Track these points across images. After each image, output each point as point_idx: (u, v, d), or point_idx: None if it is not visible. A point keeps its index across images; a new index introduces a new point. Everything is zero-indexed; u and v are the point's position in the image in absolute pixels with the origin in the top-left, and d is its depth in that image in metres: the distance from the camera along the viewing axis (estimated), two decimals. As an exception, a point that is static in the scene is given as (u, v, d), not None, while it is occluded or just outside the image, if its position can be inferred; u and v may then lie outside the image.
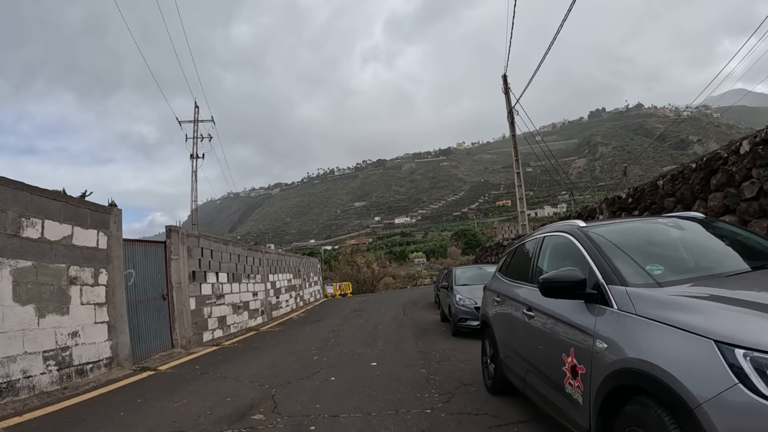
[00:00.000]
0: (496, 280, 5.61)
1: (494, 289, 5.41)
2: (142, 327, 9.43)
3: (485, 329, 5.76)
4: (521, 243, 5.21)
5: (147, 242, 10.02)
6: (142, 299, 9.54)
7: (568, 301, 3.23)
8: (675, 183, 7.53)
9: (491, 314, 5.35)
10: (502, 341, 4.94)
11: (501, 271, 5.63)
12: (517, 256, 5.22)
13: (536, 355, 3.88)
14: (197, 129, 39.17)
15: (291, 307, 20.83)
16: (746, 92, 76.21)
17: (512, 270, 5.18)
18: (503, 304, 4.93)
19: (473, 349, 8.44)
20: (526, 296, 4.19)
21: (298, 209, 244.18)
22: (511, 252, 5.52)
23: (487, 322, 5.57)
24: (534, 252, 4.47)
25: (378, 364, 7.61)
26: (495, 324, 5.19)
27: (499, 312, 5.07)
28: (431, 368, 7.09)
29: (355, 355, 8.70)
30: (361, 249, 56.68)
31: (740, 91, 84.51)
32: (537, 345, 3.86)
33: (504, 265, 5.62)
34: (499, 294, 5.14)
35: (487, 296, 5.69)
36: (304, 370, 7.50)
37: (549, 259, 4.19)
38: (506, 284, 5.06)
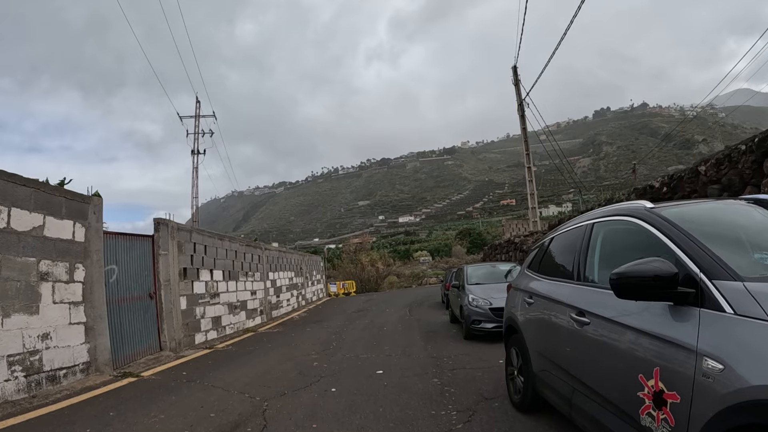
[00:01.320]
0: (525, 277, 4.76)
1: (524, 288, 4.56)
2: (125, 328, 8.63)
3: (511, 335, 4.91)
4: (558, 233, 4.36)
5: (131, 236, 9.19)
6: (125, 298, 8.74)
7: (643, 303, 2.41)
8: (720, 168, 6.66)
9: (520, 318, 4.50)
10: (536, 351, 4.09)
11: (531, 268, 4.78)
12: (553, 249, 4.37)
13: (593, 373, 3.02)
14: (198, 124, 38.52)
15: (292, 307, 20.00)
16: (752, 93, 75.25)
17: (548, 265, 4.34)
18: (538, 306, 4.09)
19: (490, 355, 7.62)
20: (575, 297, 3.35)
21: (302, 208, 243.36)
22: (544, 244, 4.66)
23: (514, 328, 4.72)
24: (580, 243, 3.62)
25: (384, 372, 6.76)
26: (526, 330, 4.34)
27: (532, 316, 4.23)
28: (445, 377, 6.24)
29: (359, 360, 7.86)
30: (366, 248, 55.92)
31: (745, 91, 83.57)
32: (594, 360, 3.00)
33: (535, 259, 4.77)
34: (531, 294, 4.30)
35: (515, 297, 4.83)
36: (301, 379, 6.66)
37: (604, 251, 3.35)
38: (541, 282, 4.21)
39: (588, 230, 3.58)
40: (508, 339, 5.05)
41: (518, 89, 20.13)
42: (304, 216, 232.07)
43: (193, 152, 38.41)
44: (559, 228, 4.46)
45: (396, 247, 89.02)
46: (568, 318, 3.34)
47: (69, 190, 7.77)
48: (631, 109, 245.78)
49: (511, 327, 4.84)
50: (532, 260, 4.88)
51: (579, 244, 3.63)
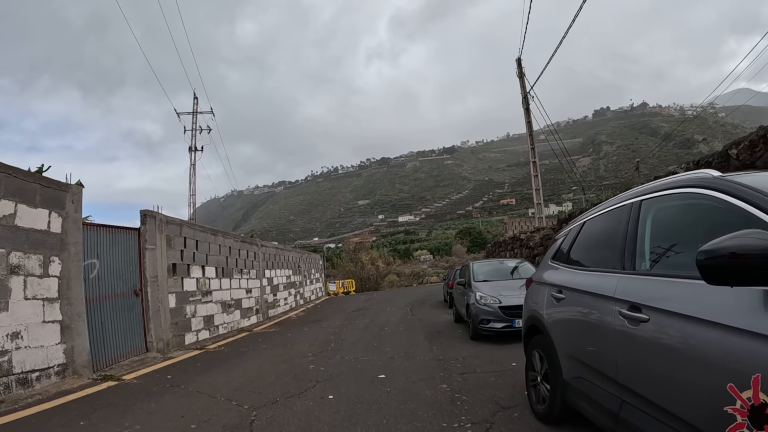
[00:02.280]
0: (551, 269, 4.15)
1: (551, 281, 3.95)
2: (107, 328, 8.02)
3: (533, 336, 4.31)
4: (591, 216, 3.75)
5: (115, 228, 8.57)
6: (107, 295, 8.14)
7: (735, 292, 1.82)
8: (755, 150, 6.06)
9: (546, 317, 3.88)
10: (567, 355, 3.48)
11: (557, 258, 4.17)
12: (586, 235, 3.76)
13: (653, 383, 2.41)
14: (196, 121, 37.95)
15: (290, 306, 19.38)
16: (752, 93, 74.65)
17: (580, 254, 3.74)
18: (570, 302, 3.48)
19: (501, 357, 7.02)
20: (624, 290, 2.74)
21: (302, 207, 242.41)
22: (573, 231, 4.05)
23: (537, 327, 4.11)
24: (625, 225, 3.01)
25: (387, 377, 6.15)
26: (554, 330, 3.73)
27: (562, 314, 3.62)
28: (454, 383, 5.63)
29: (359, 363, 7.24)
30: (366, 246, 55.27)
31: (745, 91, 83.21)
32: (655, 366, 2.38)
33: (561, 249, 4.16)
34: (561, 288, 3.69)
35: (538, 292, 4.22)
36: (296, 384, 6.05)
37: (659, 232, 2.76)
38: (574, 274, 3.61)
39: (634, 210, 2.98)
40: (528, 341, 4.44)
41: (523, 82, 19.54)
42: (304, 215, 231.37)
43: (191, 149, 37.83)
44: (591, 211, 3.85)
45: (396, 246, 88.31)
46: (615, 315, 2.73)
47: (44, 177, 7.16)
48: (630, 109, 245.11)
49: (534, 327, 4.23)
50: (557, 250, 4.26)
51: (623, 227, 3.03)
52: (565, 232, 4.31)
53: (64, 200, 7.18)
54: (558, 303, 3.67)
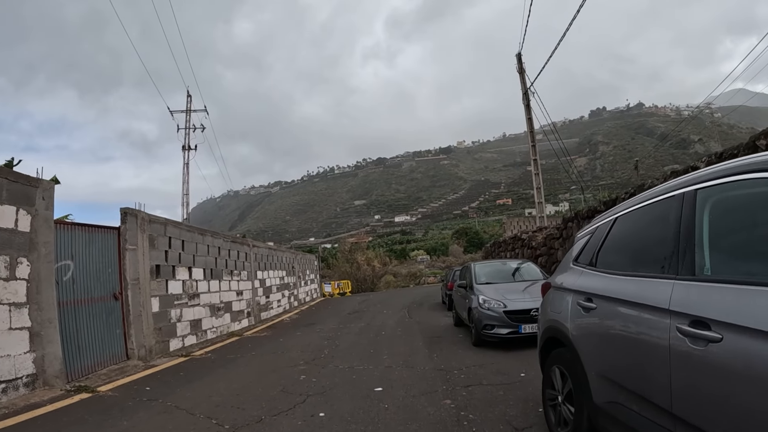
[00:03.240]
0: (575, 273, 3.61)
1: (577, 288, 3.40)
2: (83, 334, 7.45)
3: (552, 349, 3.76)
4: (626, 211, 3.19)
5: (91, 227, 7.98)
6: (84, 299, 7.57)
7: None
8: (787, 144, 5.53)
9: (572, 328, 3.33)
10: (600, 375, 2.94)
11: (581, 261, 3.63)
12: (621, 233, 3.21)
13: (726, 419, 1.87)
14: (189, 119, 37.37)
15: (283, 308, 18.79)
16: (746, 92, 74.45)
17: (613, 256, 3.19)
18: (604, 313, 2.94)
19: (508, 366, 6.48)
20: (683, 301, 2.20)
21: (298, 207, 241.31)
22: (601, 229, 3.50)
23: (559, 340, 3.57)
24: (675, 219, 2.47)
25: (385, 390, 5.59)
26: (582, 345, 3.18)
27: (593, 326, 3.07)
28: (459, 398, 5.07)
29: (354, 373, 6.68)
30: (362, 247, 54.65)
31: (740, 90, 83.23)
32: (731, 398, 1.85)
33: (587, 250, 3.61)
34: (590, 296, 3.14)
35: (560, 299, 3.67)
36: (284, 399, 5.49)
37: (724, 227, 2.23)
38: (607, 280, 3.05)
39: (687, 201, 2.43)
40: (546, 354, 3.89)
41: (523, 77, 19.02)
42: (300, 215, 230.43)
43: (184, 148, 37.22)
44: (625, 205, 3.29)
45: (392, 246, 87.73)
46: (670, 331, 2.19)
47: (12, 171, 6.62)
48: (627, 109, 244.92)
49: (554, 339, 3.69)
50: (581, 251, 3.71)
51: (674, 223, 2.48)
52: (589, 230, 3.76)
53: (34, 196, 6.61)
54: (587, 313, 3.12)
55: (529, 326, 7.71)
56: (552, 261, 11.70)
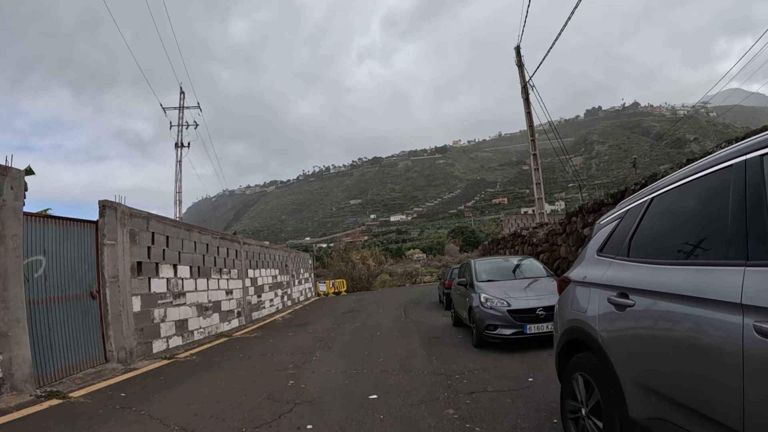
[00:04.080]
0: (600, 265, 3.11)
1: (606, 281, 2.90)
2: (56, 335, 6.91)
3: (574, 354, 3.25)
4: (666, 188, 2.69)
5: (66, 220, 7.44)
6: (57, 297, 7.03)
7: None
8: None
9: (602, 330, 2.82)
10: (639, 385, 2.44)
11: (607, 250, 3.13)
12: (659, 214, 2.71)
13: None
14: (182, 116, 36.85)
15: (276, 308, 18.24)
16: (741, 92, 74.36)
17: (653, 242, 2.70)
18: (646, 310, 2.44)
19: (513, 369, 5.98)
20: (763, 292, 1.70)
21: (293, 207, 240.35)
22: (632, 213, 3.00)
23: (584, 344, 3.06)
24: (739, 193, 1.97)
25: (380, 398, 5.07)
26: (615, 349, 2.67)
27: (632, 327, 2.57)
28: (462, 407, 4.56)
29: (347, 378, 6.15)
30: (357, 246, 54.07)
31: (735, 90, 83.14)
32: None
33: (615, 237, 3.11)
34: (625, 291, 2.64)
35: (583, 296, 3.16)
36: (268, 408, 4.97)
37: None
38: (648, 270, 2.54)
39: (752, 170, 1.94)
40: (566, 360, 3.39)
41: (522, 71, 18.54)
42: (296, 215, 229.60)
43: (177, 145, 36.67)
44: (661, 183, 2.79)
45: (388, 245, 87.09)
46: (744, 332, 1.70)
47: (-27, 159, 6.06)
48: (622, 109, 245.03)
49: (576, 342, 3.19)
50: (607, 239, 3.21)
51: (736, 197, 1.98)
52: (616, 215, 3.26)
53: (2, 185, 6.08)
54: (622, 311, 2.61)
55: (534, 326, 7.22)
56: (554, 257, 11.23)
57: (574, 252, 10.05)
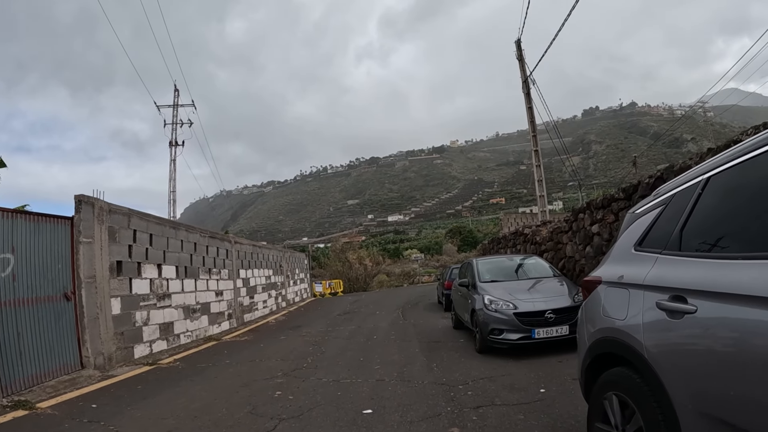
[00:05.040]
0: (642, 261, 2.57)
1: (652, 281, 2.37)
2: (26, 340, 6.36)
3: (605, 369, 2.71)
4: (725, 166, 2.16)
5: (38, 216, 6.88)
6: (27, 298, 6.47)
7: None
8: None
9: (649, 341, 2.27)
10: (704, 414, 1.91)
11: (649, 244, 2.60)
12: (719, 198, 2.18)
13: None
14: (177, 114, 36.32)
15: (270, 309, 17.68)
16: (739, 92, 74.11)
17: (705, 232, 2.18)
18: (715, 318, 1.91)
19: (522, 378, 5.45)
20: None
21: (291, 207, 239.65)
22: (679, 198, 2.48)
23: (622, 357, 2.53)
24: None
25: (375, 413, 4.52)
26: (668, 365, 2.13)
27: (691, 338, 2.03)
28: (469, 425, 4.02)
29: (339, 388, 5.60)
30: (354, 246, 53.50)
31: (732, 90, 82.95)
32: None
33: (659, 228, 2.58)
34: (679, 293, 2.11)
35: (619, 300, 2.62)
36: (250, 424, 4.43)
37: None
38: (716, 267, 2.01)
39: None
40: (595, 376, 2.84)
41: (522, 65, 18.02)
42: (293, 215, 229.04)
43: (171, 143, 36.11)
44: (720, 160, 2.25)
45: (386, 245, 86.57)
46: None
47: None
48: (620, 108, 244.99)
49: (610, 356, 2.65)
50: (648, 231, 2.68)
51: None
52: (657, 201, 2.72)
53: (-43, 178, 5.52)
54: (679, 319, 2.08)
55: (543, 330, 6.68)
56: (559, 257, 10.70)
57: (581, 251, 9.52)
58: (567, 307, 6.90)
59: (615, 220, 8.10)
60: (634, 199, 7.45)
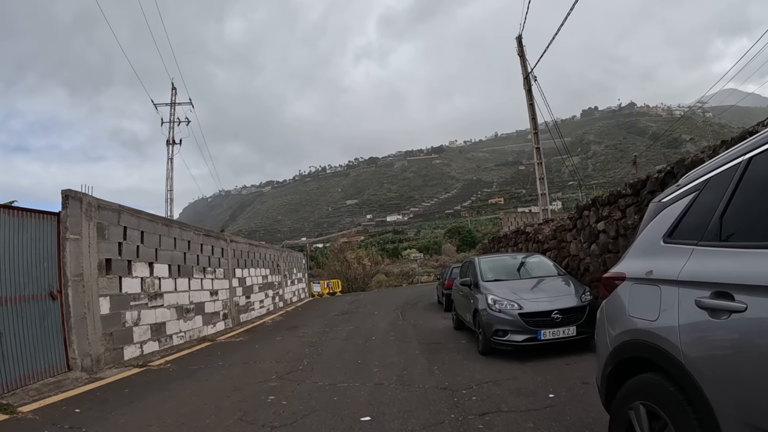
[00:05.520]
0: (675, 254, 2.28)
1: (689, 276, 2.09)
2: (8, 341, 6.09)
3: (631, 376, 2.43)
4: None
5: (23, 211, 6.58)
6: (10, 297, 6.20)
7: None
8: None
9: (687, 343, 1.98)
10: (757, 428, 1.62)
11: (679, 236, 2.33)
12: (760, 181, 1.90)
13: None
14: (174, 112, 36.03)
15: (267, 309, 17.37)
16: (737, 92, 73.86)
17: (751, 220, 1.91)
18: (757, 319, 1.63)
19: (528, 383, 5.16)
20: None
21: (290, 207, 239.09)
22: (715, 183, 2.20)
23: (651, 362, 2.24)
24: None
25: (374, 420, 4.23)
26: (710, 371, 1.85)
27: (738, 340, 1.76)
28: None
29: (336, 393, 5.30)
30: (353, 246, 53.16)
31: (731, 90, 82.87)
32: None
33: (693, 217, 2.31)
34: (723, 288, 1.83)
35: (649, 297, 2.33)
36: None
37: None
38: (758, 259, 1.73)
39: None
40: (617, 383, 2.56)
41: (524, 61, 17.74)
42: (292, 215, 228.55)
43: (168, 142, 35.80)
44: (760, 138, 1.97)
45: (384, 245, 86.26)
46: None
47: None
48: (618, 109, 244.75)
49: (637, 361, 2.37)
50: (679, 221, 2.40)
51: None
52: (689, 186, 2.44)
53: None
54: (724, 319, 1.80)
55: (549, 332, 6.40)
56: (563, 255, 10.41)
57: (586, 249, 9.23)
58: (574, 307, 6.62)
59: (622, 216, 7.81)
60: (642, 194, 7.17)
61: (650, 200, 6.91)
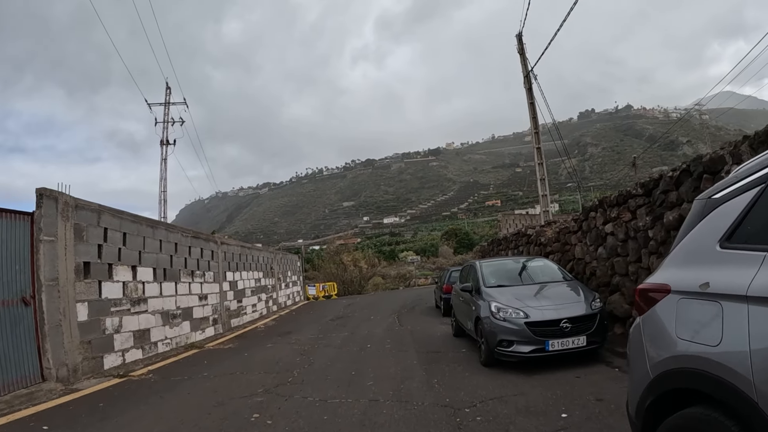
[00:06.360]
0: (741, 262, 1.83)
1: (758, 291, 1.64)
2: (-28, 352, 5.60)
3: (672, 411, 1.99)
4: None
5: (-11, 211, 6.14)
6: (-26, 305, 5.72)
7: None
8: None
9: (760, 377, 1.55)
10: None
11: (741, 239, 1.89)
12: None
13: None
14: (168, 111, 35.54)
15: (260, 313, 16.89)
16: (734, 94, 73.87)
17: None
18: None
19: (537, 399, 4.70)
20: None
21: (286, 209, 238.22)
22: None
23: (706, 395, 1.80)
24: None
25: (368, 444, 3.79)
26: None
27: None
28: (481, 461, 3.29)
29: (326, 411, 4.84)
30: (349, 248, 52.68)
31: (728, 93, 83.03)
32: None
33: (757, 217, 1.86)
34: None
35: (710, 316, 1.87)
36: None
37: None
38: None
39: None
40: (656, 418, 2.11)
41: (524, 59, 17.32)
42: (288, 217, 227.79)
43: (162, 142, 35.31)
44: None
45: (381, 247, 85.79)
46: None
47: None
48: (615, 111, 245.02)
49: (686, 392, 1.93)
50: (741, 220, 1.95)
51: None
52: (752, 179, 1.99)
53: None
54: None
55: (558, 342, 5.96)
56: (567, 259, 9.98)
57: (592, 252, 8.80)
58: (584, 315, 6.18)
59: (632, 218, 7.38)
60: (655, 195, 6.74)
61: (663, 200, 6.53)
